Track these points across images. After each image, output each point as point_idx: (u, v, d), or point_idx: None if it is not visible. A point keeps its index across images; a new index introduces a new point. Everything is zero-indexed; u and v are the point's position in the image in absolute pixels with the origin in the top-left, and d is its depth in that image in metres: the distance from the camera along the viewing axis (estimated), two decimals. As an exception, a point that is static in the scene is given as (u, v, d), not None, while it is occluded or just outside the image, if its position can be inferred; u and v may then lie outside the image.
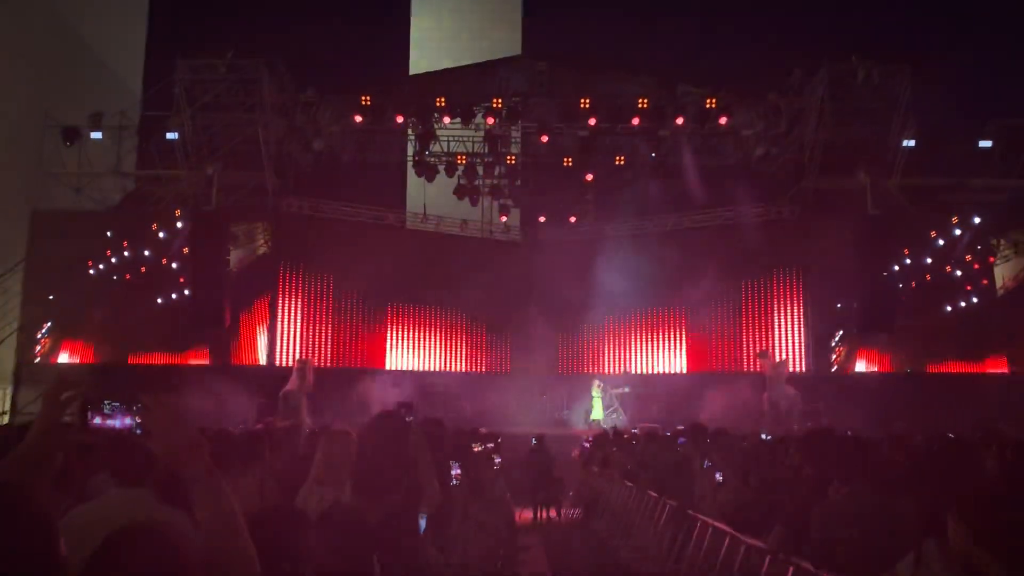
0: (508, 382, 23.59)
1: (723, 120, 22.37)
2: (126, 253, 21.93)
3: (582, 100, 22.07)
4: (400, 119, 22.74)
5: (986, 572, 2.65)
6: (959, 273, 23.30)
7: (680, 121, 22.33)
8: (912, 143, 21.75)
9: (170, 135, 21.83)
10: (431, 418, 5.92)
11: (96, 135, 21.88)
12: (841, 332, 23.58)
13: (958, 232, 22.68)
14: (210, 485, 2.16)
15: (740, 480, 6.36)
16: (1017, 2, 24.62)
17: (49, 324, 22.16)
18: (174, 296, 22.13)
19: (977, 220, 22.33)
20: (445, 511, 4.45)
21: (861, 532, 4.02)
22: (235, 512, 2.17)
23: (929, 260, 22.84)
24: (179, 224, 21.94)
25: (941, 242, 22.75)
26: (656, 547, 8.34)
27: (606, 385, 22.75)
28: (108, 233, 21.84)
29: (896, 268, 22.08)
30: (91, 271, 21.72)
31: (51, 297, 21.78)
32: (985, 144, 21.99)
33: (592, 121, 22.24)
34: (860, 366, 23.58)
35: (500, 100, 22.53)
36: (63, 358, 22.19)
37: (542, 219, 26.20)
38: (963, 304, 23.39)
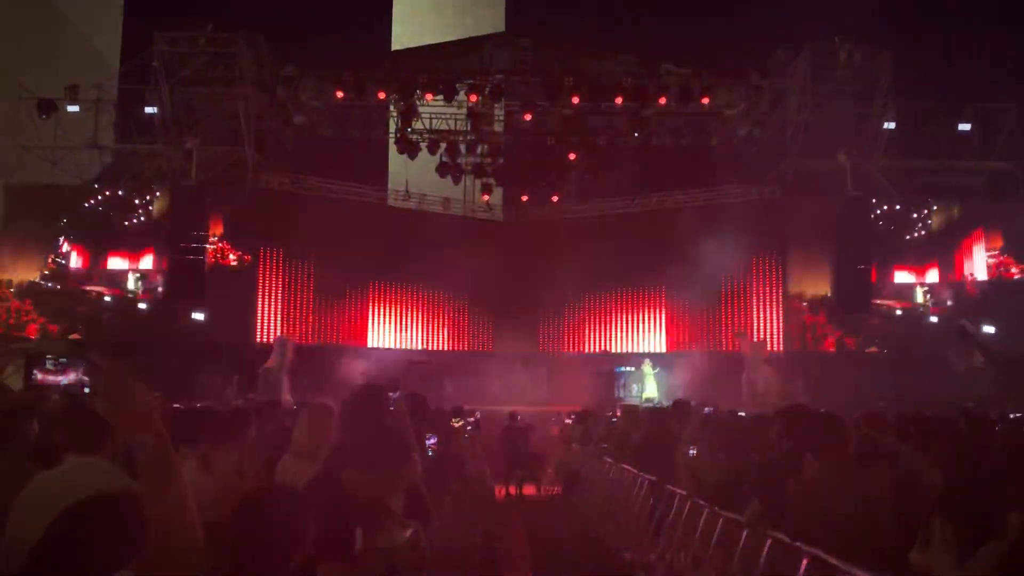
0: (490, 361, 23.63)
1: (706, 100, 22.37)
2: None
3: (566, 78, 21.96)
4: (382, 95, 22.55)
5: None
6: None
7: (663, 100, 22.30)
8: (893, 125, 21.87)
9: (148, 109, 21.60)
10: (413, 393, 5.92)
11: (73, 108, 21.59)
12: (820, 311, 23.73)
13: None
14: (159, 452, 2.06)
15: (716, 455, 6.44)
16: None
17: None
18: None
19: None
20: (424, 484, 4.46)
21: (834, 504, 4.09)
22: (183, 481, 2.09)
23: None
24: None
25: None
26: (635, 522, 8.42)
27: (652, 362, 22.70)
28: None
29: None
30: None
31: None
32: (964, 127, 22.15)
33: (575, 99, 22.13)
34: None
35: (483, 77, 22.38)
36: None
37: (524, 198, 26.13)
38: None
